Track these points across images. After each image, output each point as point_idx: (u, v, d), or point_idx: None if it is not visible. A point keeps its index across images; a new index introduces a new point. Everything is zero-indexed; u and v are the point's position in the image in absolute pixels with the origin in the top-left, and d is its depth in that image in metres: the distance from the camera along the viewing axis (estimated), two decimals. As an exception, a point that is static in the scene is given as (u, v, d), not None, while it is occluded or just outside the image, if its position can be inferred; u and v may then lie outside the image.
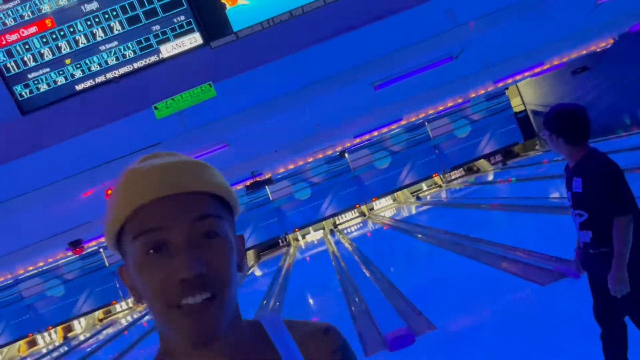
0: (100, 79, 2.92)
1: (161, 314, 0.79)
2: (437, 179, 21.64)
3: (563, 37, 10.73)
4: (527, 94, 20.18)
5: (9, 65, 2.79)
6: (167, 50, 2.94)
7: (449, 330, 5.04)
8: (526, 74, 13.15)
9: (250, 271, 18.10)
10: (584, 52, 13.06)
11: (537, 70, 12.86)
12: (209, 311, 0.77)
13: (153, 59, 2.93)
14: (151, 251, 0.78)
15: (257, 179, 11.93)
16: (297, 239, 21.33)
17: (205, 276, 0.77)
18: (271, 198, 20.10)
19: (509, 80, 13.41)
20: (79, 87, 2.90)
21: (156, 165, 0.81)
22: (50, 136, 4.54)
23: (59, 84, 2.88)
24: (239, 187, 13.86)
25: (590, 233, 2.65)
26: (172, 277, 0.77)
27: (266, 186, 16.44)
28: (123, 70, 2.93)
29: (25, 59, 2.78)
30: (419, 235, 11.58)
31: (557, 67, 13.77)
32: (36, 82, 2.85)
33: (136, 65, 2.94)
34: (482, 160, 21.14)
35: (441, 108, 14.86)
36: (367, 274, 9.13)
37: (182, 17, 2.83)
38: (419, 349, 4.64)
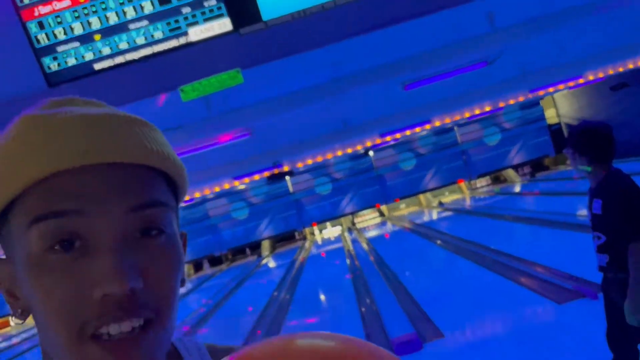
0: (128, 57, 2.98)
1: (64, 345, 0.50)
2: (462, 185, 21.43)
3: (605, 51, 10.50)
4: (562, 106, 19.78)
5: (39, 37, 2.86)
6: (196, 33, 2.98)
7: (457, 340, 5.00)
8: (563, 85, 12.91)
9: (264, 261, 18.24)
10: (626, 68, 12.75)
11: (575, 82, 12.61)
12: (141, 345, 0.51)
13: (181, 41, 2.97)
14: (57, 246, 0.50)
15: (278, 169, 11.99)
16: (313, 234, 21.39)
17: (139, 293, 0.51)
18: (291, 190, 20.17)
19: (546, 90, 13.18)
20: (106, 64, 2.97)
21: (77, 115, 0.52)
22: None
23: (86, 59, 2.95)
24: (264, 175, 13.98)
25: (607, 257, 2.61)
26: (88, 290, 0.49)
27: (287, 178, 16.52)
28: (151, 50, 2.97)
29: (56, 32, 2.85)
30: (438, 241, 11.49)
31: (596, 81, 13.48)
32: (65, 55, 2.92)
33: (164, 46, 2.98)
34: (509, 170, 20.82)
35: (475, 112, 14.70)
36: (381, 276, 9.11)
37: (213, 2, 2.86)
38: (425, 356, 4.62)
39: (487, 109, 14.61)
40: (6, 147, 0.53)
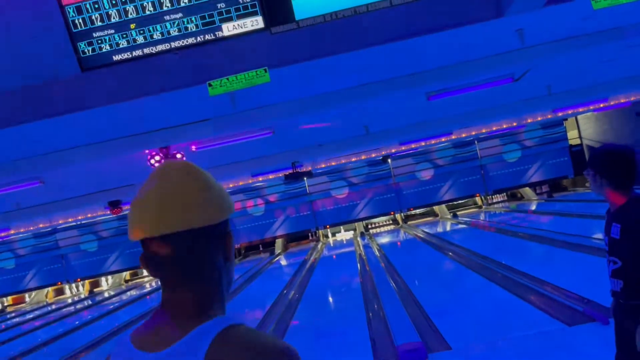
0: (160, 47, 2.99)
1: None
2: (478, 199, 21.22)
3: (631, 76, 10.30)
4: (585, 127, 19.48)
5: (76, 21, 2.89)
6: (229, 29, 2.98)
7: (464, 353, 4.94)
8: (589, 107, 12.71)
9: (276, 259, 18.25)
10: (654, 94, 12.51)
11: (601, 105, 12.41)
12: None
13: (213, 36, 2.98)
14: None
15: (297, 170, 11.99)
16: (326, 236, 21.36)
17: None
18: (308, 191, 20.18)
19: (569, 111, 12.99)
20: (138, 53, 2.99)
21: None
22: (107, 96, 4.69)
23: (120, 46, 2.97)
24: (279, 175, 14.00)
25: (622, 283, 2.54)
26: None
27: (305, 178, 16.52)
28: (183, 42, 2.99)
29: (93, 17, 2.88)
30: (450, 253, 11.39)
31: (621, 105, 13.25)
32: (99, 41, 2.94)
33: (196, 39, 2.99)
34: (527, 189, 20.57)
35: (494, 128, 14.54)
36: (391, 283, 9.05)
37: (248, -1, 2.87)
38: (429, 367, 4.57)
39: (509, 125, 14.45)
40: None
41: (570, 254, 8.71)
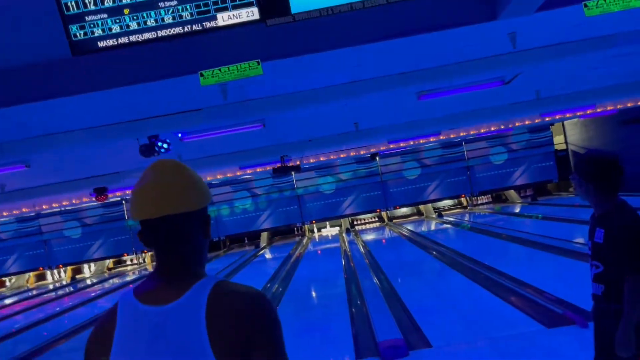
0: (154, 35, 2.95)
1: None
2: (463, 200, 21.38)
3: (619, 85, 10.42)
4: (572, 133, 19.70)
5: (69, 4, 2.84)
6: (224, 19, 2.95)
7: (444, 351, 4.98)
8: (576, 113, 12.84)
9: (261, 252, 18.23)
10: (637, 103, 12.68)
11: (588, 112, 12.54)
12: None
13: (208, 24, 2.95)
14: None
15: (286, 164, 11.97)
16: (312, 231, 21.37)
17: None
18: (295, 186, 20.16)
19: (557, 116, 13.11)
20: (131, 39, 2.94)
21: None
22: (96, 82, 4.62)
23: (113, 31, 2.92)
24: (267, 168, 13.96)
25: (603, 287, 2.57)
26: None
27: (293, 173, 16.51)
28: (177, 30, 2.95)
29: (86, 0, 2.83)
30: (434, 252, 11.46)
31: (608, 112, 13.41)
32: (92, 25, 2.90)
33: (191, 28, 2.95)
34: (512, 191, 20.77)
35: (482, 131, 14.63)
36: (374, 279, 9.08)
37: (244, -11, 2.84)
38: (410, 364, 4.60)
39: (497, 128, 14.55)
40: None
41: (551, 257, 8.81)
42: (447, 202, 21.47)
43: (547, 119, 13.44)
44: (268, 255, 17.51)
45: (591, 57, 6.84)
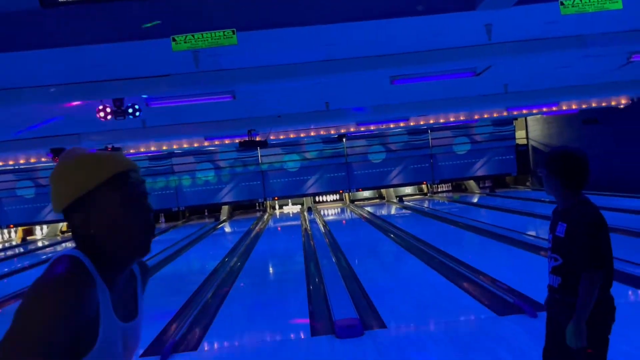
0: (128, -8, 2.82)
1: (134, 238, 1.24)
2: (424, 187, 21.73)
3: (584, 85, 10.71)
4: (533, 129, 20.22)
5: (40, -49, 2.67)
6: (203, -17, 2.84)
7: (398, 332, 5.08)
8: (541, 109, 13.14)
9: (220, 225, 18.09)
10: (599, 104, 13.07)
11: (553, 109, 12.86)
12: None
13: (186, -13, 2.83)
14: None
15: (253, 138, 11.83)
16: (274, 208, 21.33)
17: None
18: (260, 161, 20.01)
19: (524, 111, 13.40)
20: (104, -5, 2.80)
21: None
22: (63, 37, 4.41)
23: (85, -15, 2.77)
24: (234, 141, 13.78)
25: (560, 279, 2.64)
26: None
27: (259, 148, 16.35)
28: (153, -10, 2.82)
29: (58, -51, 2.67)
30: (392, 236, 11.63)
31: (570, 111, 13.78)
32: (63, -24, 2.74)
33: (167, -11, 2.84)
34: (471, 182, 21.24)
35: (451, 119, 14.82)
36: (333, 259, 9.15)
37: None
38: (365, 343, 4.67)
39: (463, 118, 14.77)
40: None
41: (505, 248, 9.07)
42: (408, 188, 21.78)
43: (515, 113, 13.71)
44: (228, 229, 17.40)
45: (561, 55, 6.98)
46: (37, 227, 20.78)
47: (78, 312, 1.07)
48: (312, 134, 15.43)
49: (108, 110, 6.60)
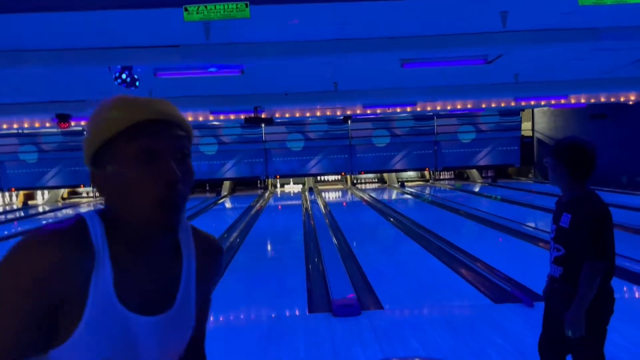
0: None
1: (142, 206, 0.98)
2: (426, 173, 21.74)
3: (594, 79, 10.62)
4: (540, 121, 20.13)
5: None
6: (221, -49, 2.80)
7: (394, 313, 5.13)
8: (550, 101, 13.06)
9: (221, 200, 18.15)
10: (609, 99, 12.98)
11: (562, 101, 12.78)
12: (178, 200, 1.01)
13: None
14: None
15: (259, 115, 11.79)
16: (275, 186, 21.37)
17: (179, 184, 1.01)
18: (264, 139, 19.99)
19: (532, 102, 13.30)
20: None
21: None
22: (72, 1, 4.37)
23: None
24: (240, 117, 13.73)
25: (562, 269, 2.66)
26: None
27: (263, 125, 16.31)
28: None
29: None
30: (391, 219, 11.67)
31: (578, 105, 13.70)
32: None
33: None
34: (474, 170, 21.24)
35: (457, 107, 14.74)
36: (333, 239, 9.20)
37: None
38: (361, 322, 4.72)
39: (469, 106, 14.69)
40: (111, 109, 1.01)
41: (504, 237, 9.11)
42: (411, 174, 21.80)
43: (522, 104, 13.63)
44: (228, 205, 17.46)
45: (574, 47, 6.92)
46: (39, 192, 20.85)
47: (43, 280, 0.88)
48: (318, 114, 15.37)
49: (124, 77, 6.56)
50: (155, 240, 1.01)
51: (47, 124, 13.84)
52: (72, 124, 11.65)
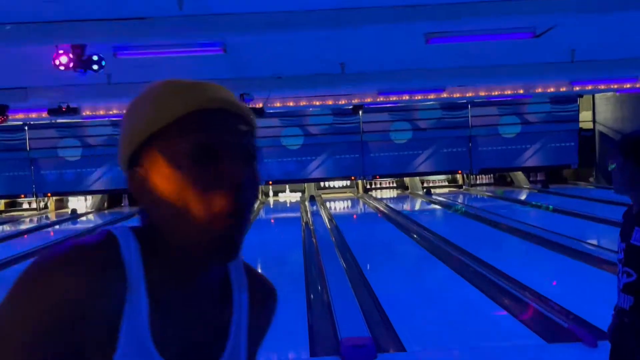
0: None
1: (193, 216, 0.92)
2: (459, 177, 21.72)
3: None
4: (602, 111, 20.08)
5: None
6: None
7: (419, 356, 5.12)
8: (612, 85, 13.06)
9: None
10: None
11: (627, 85, 12.77)
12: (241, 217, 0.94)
13: None
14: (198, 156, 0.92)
15: (248, 104, 11.84)
16: (267, 194, 21.40)
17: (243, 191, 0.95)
18: (253, 134, 20.03)
19: (589, 87, 13.31)
20: None
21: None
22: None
23: None
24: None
25: (633, 299, 2.64)
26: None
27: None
28: None
29: None
30: (415, 236, 11.67)
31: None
32: None
33: None
34: (520, 173, 21.21)
35: (495, 93, 14.78)
36: (341, 262, 9.21)
37: None
38: (377, 368, 4.71)
39: (513, 92, 14.73)
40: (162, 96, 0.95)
41: (559, 258, 9.09)
42: (439, 178, 21.79)
43: (576, 88, 13.64)
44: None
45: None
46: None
47: (62, 316, 0.85)
48: (318, 103, 15.42)
49: (68, 57, 6.60)
50: (206, 269, 0.97)
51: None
52: (9, 117, 11.71)
